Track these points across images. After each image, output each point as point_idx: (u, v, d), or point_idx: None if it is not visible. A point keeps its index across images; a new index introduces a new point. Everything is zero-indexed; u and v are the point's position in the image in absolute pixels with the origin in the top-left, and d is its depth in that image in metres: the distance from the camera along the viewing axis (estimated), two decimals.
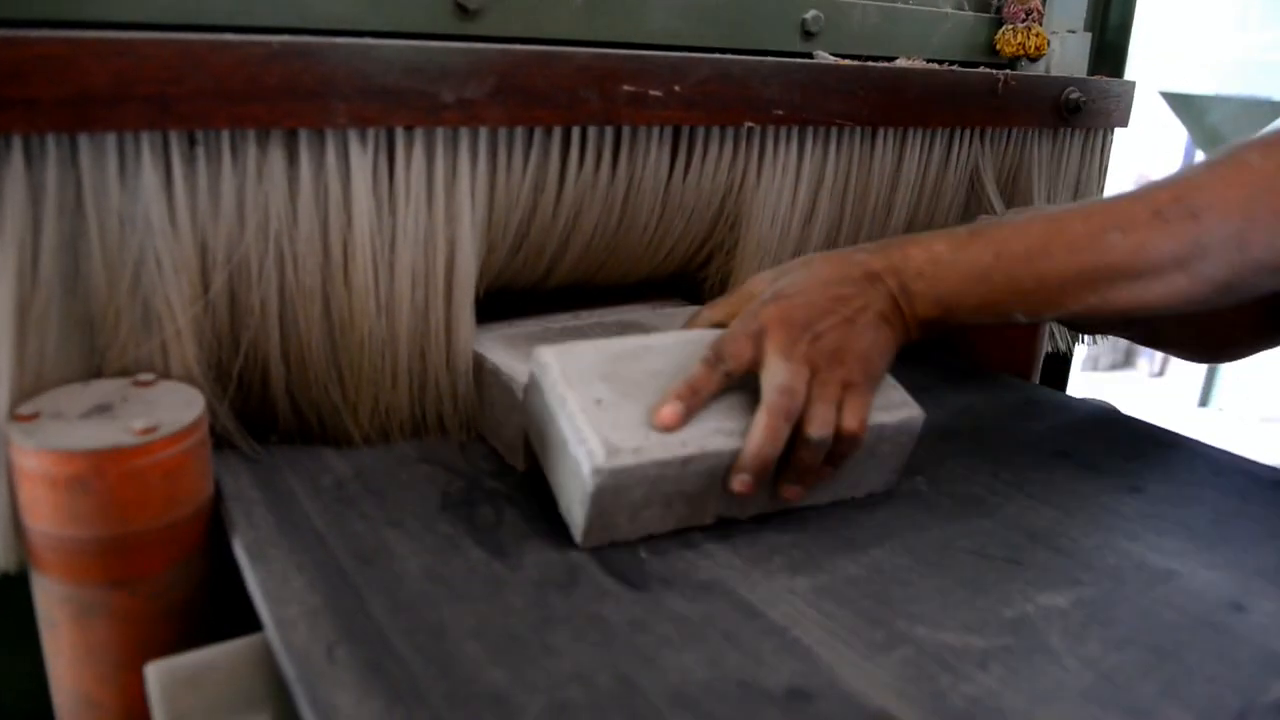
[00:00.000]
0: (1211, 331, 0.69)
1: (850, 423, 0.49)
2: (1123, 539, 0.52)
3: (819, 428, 0.48)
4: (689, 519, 0.50)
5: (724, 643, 0.41)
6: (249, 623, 0.44)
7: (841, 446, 0.50)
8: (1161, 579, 0.48)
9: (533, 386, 0.51)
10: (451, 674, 0.38)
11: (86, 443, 0.43)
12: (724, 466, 0.48)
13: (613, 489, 0.46)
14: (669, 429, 0.47)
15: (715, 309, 0.56)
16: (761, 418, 0.48)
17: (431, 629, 0.41)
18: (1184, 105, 3.34)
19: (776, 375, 0.48)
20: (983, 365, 0.80)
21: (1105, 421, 0.69)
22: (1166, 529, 0.53)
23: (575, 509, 0.47)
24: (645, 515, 0.48)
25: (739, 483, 0.48)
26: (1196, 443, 0.65)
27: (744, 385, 0.50)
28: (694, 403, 0.48)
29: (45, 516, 0.44)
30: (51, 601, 0.46)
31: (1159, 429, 0.68)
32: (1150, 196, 0.49)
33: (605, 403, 0.48)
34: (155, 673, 0.42)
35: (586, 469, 0.45)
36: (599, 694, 0.37)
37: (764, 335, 0.49)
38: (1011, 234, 0.51)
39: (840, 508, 0.54)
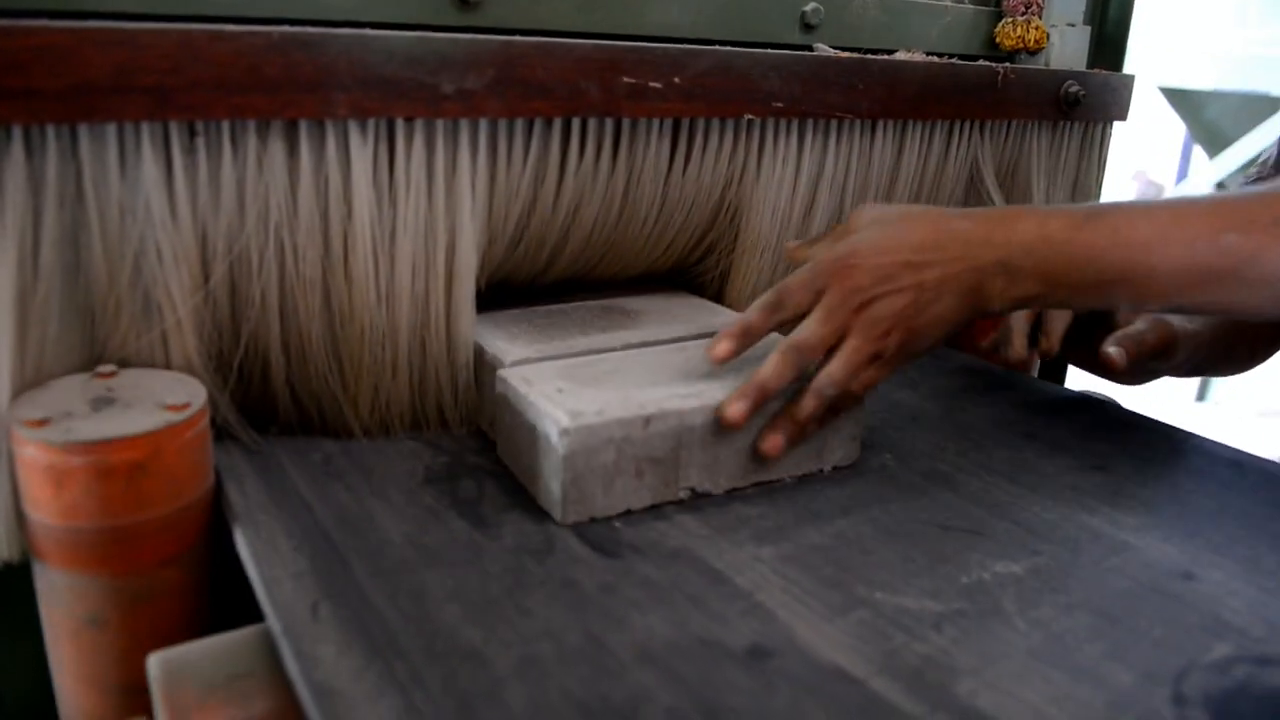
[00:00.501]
0: (1247, 345, 0.70)
1: (854, 385, 0.51)
2: (1082, 513, 0.53)
3: (827, 383, 0.50)
4: (662, 491, 0.51)
5: (689, 605, 0.43)
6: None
7: (838, 401, 0.52)
8: (1116, 549, 0.49)
9: (500, 403, 0.53)
10: (429, 631, 0.40)
11: (139, 426, 0.44)
12: (685, 428, 0.51)
13: (583, 451, 0.48)
14: (721, 361, 0.52)
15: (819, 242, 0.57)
16: (773, 357, 0.50)
17: (411, 591, 0.43)
18: (1182, 100, 3.35)
19: (802, 329, 0.50)
20: (978, 356, 0.80)
21: (1076, 405, 0.70)
22: (1125, 504, 0.54)
23: (553, 485, 0.49)
24: (619, 486, 0.50)
25: (733, 409, 0.50)
26: (1161, 424, 0.67)
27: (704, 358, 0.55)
28: (744, 342, 0.52)
29: (94, 511, 0.44)
30: (99, 598, 0.46)
31: (1128, 412, 0.69)
32: (1272, 201, 0.47)
33: (566, 390, 0.51)
34: (157, 662, 0.42)
35: (555, 434, 0.48)
36: (568, 650, 0.39)
37: (823, 291, 0.51)
38: (1129, 220, 0.50)
39: (808, 482, 0.55)
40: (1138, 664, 0.40)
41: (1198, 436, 0.65)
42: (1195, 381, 3.91)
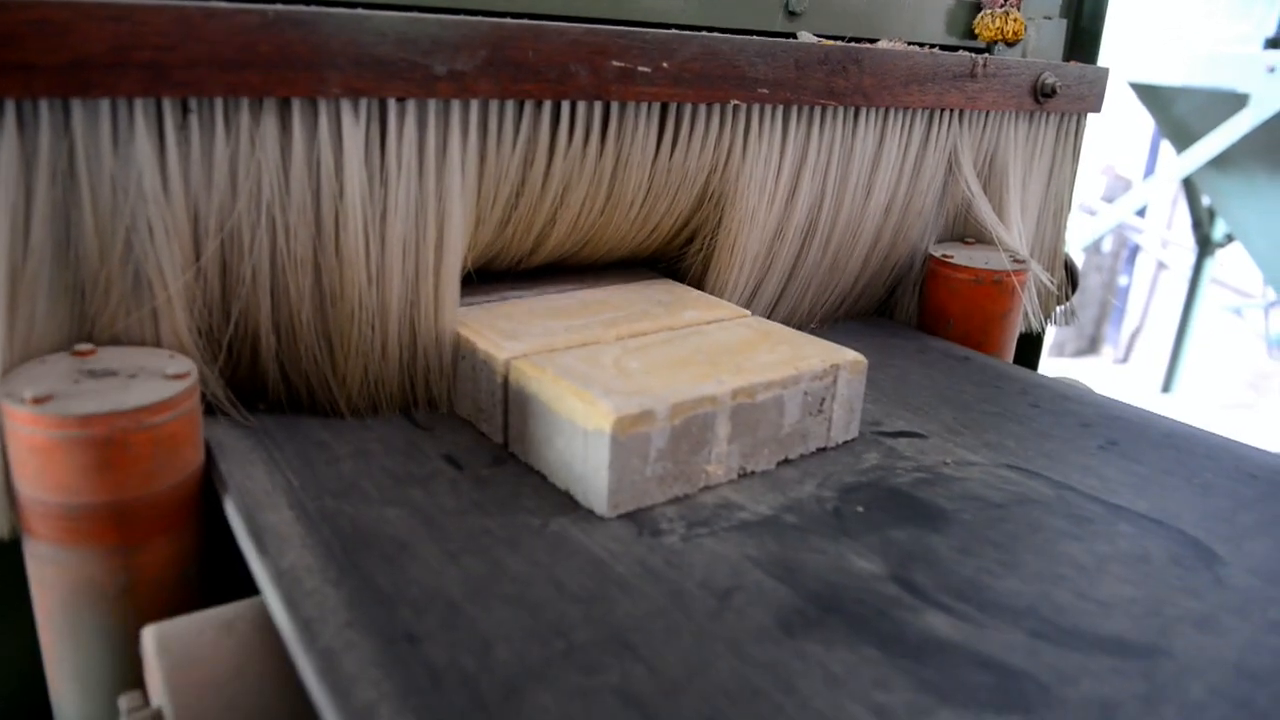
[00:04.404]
0: None
1: None
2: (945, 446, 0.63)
3: None
4: None
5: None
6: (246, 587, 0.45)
7: None
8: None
9: None
10: (294, 433, 0.56)
11: (126, 402, 0.45)
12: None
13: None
14: None
15: None
16: None
17: (287, 420, 0.57)
18: (1151, 95, 3.40)
19: None
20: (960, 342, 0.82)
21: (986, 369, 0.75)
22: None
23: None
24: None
25: None
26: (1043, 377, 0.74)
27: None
28: None
29: (84, 486, 0.44)
30: (89, 574, 0.46)
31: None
32: None
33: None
34: (152, 635, 0.43)
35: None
36: (391, 449, 0.55)
37: None
38: None
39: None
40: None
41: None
42: (1161, 373, 3.97)
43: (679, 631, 0.40)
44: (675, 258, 0.76)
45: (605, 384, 0.51)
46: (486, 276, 0.68)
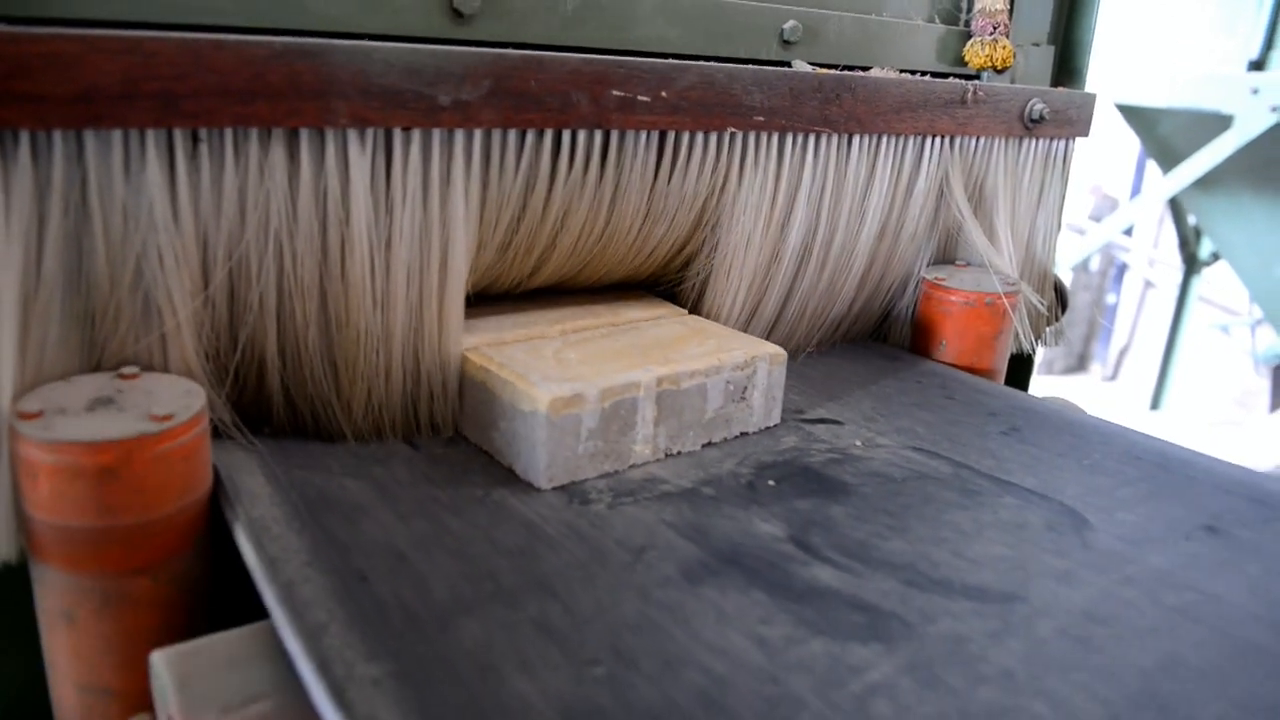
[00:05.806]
0: None
1: None
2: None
3: None
4: None
5: None
6: (251, 610, 0.45)
7: None
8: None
9: None
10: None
11: (113, 432, 0.45)
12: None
13: None
14: None
15: None
16: None
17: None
18: (1137, 117, 3.43)
19: None
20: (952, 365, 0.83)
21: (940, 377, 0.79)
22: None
23: None
24: None
25: None
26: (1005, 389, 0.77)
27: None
28: None
29: (71, 510, 0.45)
30: (79, 596, 0.47)
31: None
32: None
33: None
34: (160, 659, 0.43)
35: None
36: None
37: None
38: None
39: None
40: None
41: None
42: (1149, 390, 3.99)
43: (594, 579, 0.46)
44: (673, 281, 0.77)
45: (544, 372, 0.56)
46: (485, 299, 0.69)
